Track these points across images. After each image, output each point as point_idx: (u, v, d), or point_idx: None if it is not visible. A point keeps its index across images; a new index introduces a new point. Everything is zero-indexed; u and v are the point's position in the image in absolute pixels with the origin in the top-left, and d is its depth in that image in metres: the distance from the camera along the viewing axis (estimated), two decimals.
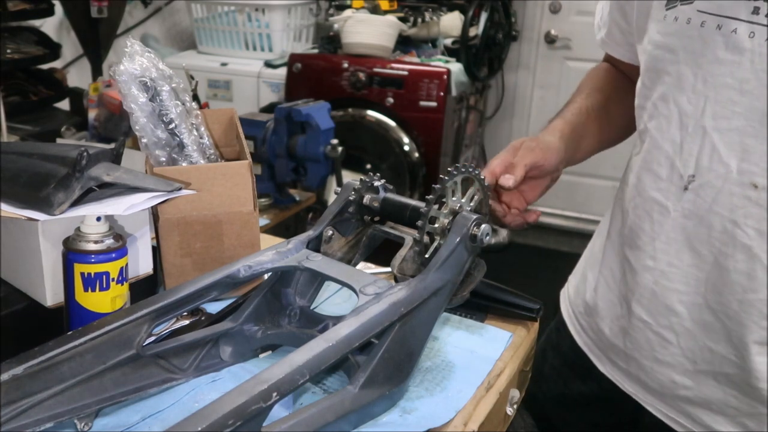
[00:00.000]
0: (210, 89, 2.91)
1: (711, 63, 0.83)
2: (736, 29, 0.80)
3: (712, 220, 0.84)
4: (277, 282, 0.79)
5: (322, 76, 2.78)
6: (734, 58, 0.81)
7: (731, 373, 0.88)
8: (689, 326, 0.89)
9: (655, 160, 0.90)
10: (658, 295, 0.91)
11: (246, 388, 0.57)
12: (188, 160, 0.94)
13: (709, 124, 0.83)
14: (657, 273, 0.91)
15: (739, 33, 0.80)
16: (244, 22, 2.93)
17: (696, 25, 0.84)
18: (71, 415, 0.64)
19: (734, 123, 0.81)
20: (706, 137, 0.83)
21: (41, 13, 2.10)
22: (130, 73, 0.91)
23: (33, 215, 0.75)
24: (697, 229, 0.86)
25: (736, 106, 0.81)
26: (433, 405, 0.72)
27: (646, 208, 0.91)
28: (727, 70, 0.81)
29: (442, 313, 0.77)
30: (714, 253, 0.85)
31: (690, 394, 0.92)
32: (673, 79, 0.87)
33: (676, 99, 0.87)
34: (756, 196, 0.80)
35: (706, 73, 0.83)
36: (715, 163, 0.83)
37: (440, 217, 0.78)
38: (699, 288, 0.87)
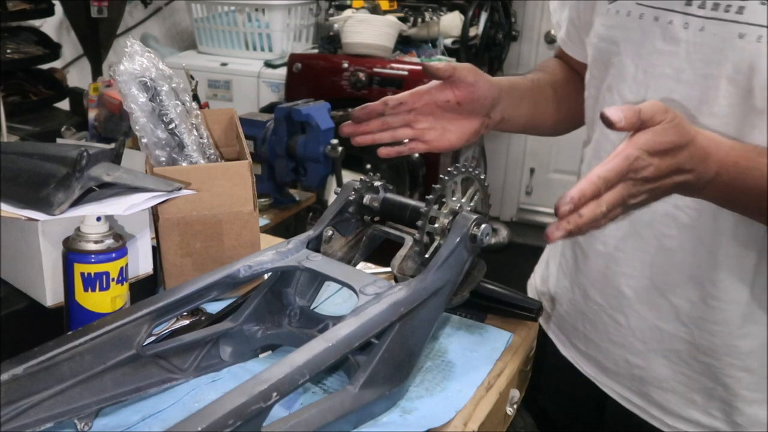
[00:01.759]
0: (210, 89, 2.91)
1: (650, 54, 0.86)
2: (672, 21, 0.83)
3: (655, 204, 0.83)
4: (277, 282, 0.79)
5: (322, 76, 2.78)
6: (671, 49, 0.84)
7: (680, 350, 0.91)
8: (638, 308, 0.92)
9: (603, 149, 0.92)
10: (608, 279, 0.94)
11: (246, 388, 0.57)
12: (188, 160, 0.94)
13: None
14: (607, 257, 0.94)
15: (674, 24, 0.83)
16: (244, 22, 2.93)
17: (635, 18, 0.87)
18: (71, 415, 0.64)
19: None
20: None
21: (41, 13, 2.10)
22: (130, 73, 0.91)
23: (33, 215, 0.75)
24: (640, 215, 0.86)
25: (674, 95, 0.84)
26: (433, 405, 0.72)
27: None
28: (665, 60, 0.84)
29: (442, 313, 0.77)
30: (657, 236, 0.88)
31: (643, 374, 0.95)
32: (617, 70, 0.90)
33: (619, 89, 0.90)
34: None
35: (646, 64, 0.87)
36: None
37: (440, 217, 0.78)
38: (645, 270, 0.90)
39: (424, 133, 0.95)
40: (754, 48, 0.77)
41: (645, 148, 0.67)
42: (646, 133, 0.67)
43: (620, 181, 0.66)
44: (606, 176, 0.65)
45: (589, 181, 0.65)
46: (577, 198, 0.64)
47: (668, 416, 0.94)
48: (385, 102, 0.92)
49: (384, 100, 0.92)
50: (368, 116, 0.93)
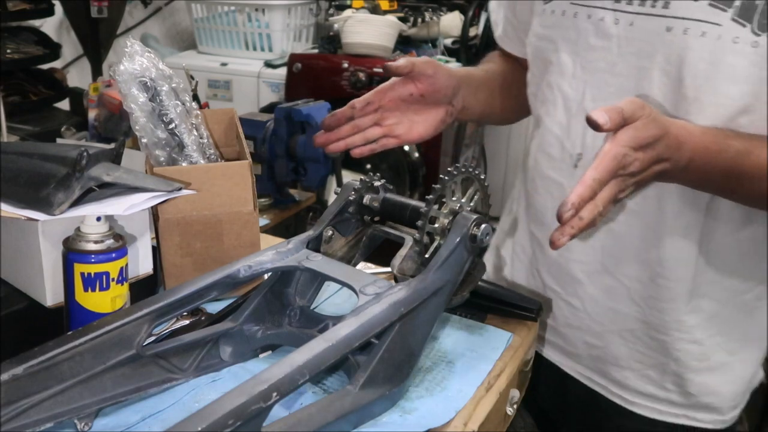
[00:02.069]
0: (210, 89, 2.91)
1: (586, 50, 0.91)
2: (603, 17, 0.89)
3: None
4: (277, 282, 0.79)
5: (322, 76, 2.78)
6: (604, 44, 0.88)
7: (635, 329, 0.96)
8: (592, 292, 0.98)
9: (547, 142, 0.98)
10: (563, 267, 0.99)
11: (246, 388, 0.57)
12: (188, 160, 0.94)
13: (589, 106, 0.90)
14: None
15: (606, 21, 0.88)
16: (244, 22, 2.93)
17: (570, 16, 0.92)
18: (71, 415, 0.64)
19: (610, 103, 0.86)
20: None
21: (41, 13, 2.10)
22: (130, 73, 0.91)
23: (33, 215, 0.75)
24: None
25: (610, 88, 0.89)
26: (433, 405, 0.72)
27: (546, 187, 0.99)
28: (600, 56, 0.89)
29: (442, 313, 0.77)
30: (606, 222, 0.93)
31: (601, 353, 1.00)
32: (556, 67, 0.95)
33: (559, 85, 0.95)
34: None
35: (583, 60, 0.92)
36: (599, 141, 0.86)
37: (440, 217, 0.78)
38: (596, 256, 0.96)
39: (393, 129, 0.98)
40: (682, 40, 0.82)
41: (630, 144, 0.70)
42: (628, 130, 0.71)
43: (612, 179, 0.70)
44: (600, 178, 0.69)
45: (585, 184, 0.68)
46: (578, 202, 0.68)
47: (626, 392, 1.01)
48: (353, 105, 0.95)
49: (351, 104, 0.95)
50: (338, 123, 0.96)
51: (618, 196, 0.72)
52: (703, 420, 1.00)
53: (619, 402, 1.01)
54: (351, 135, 0.96)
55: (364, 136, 0.97)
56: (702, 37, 0.81)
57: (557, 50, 0.94)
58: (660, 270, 0.92)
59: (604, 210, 0.70)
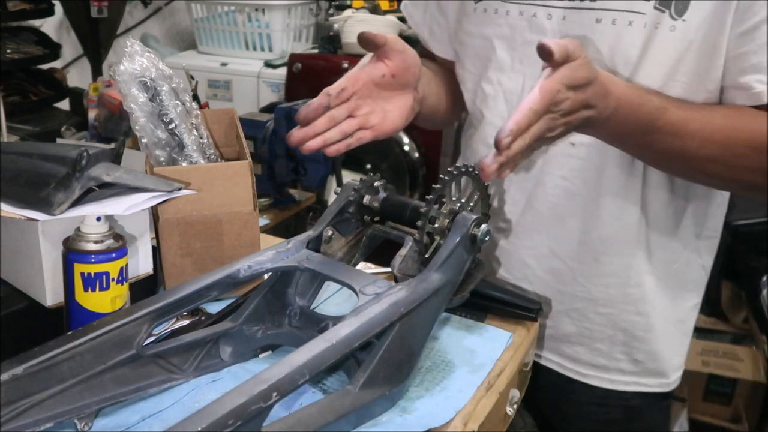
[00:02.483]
0: (210, 89, 2.91)
1: (522, 45, 0.95)
2: (535, 13, 0.93)
3: (545, 179, 0.97)
4: (277, 282, 0.79)
5: (322, 76, 2.76)
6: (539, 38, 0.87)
7: (580, 308, 1.02)
8: (540, 275, 1.02)
9: (489, 134, 1.00)
10: (511, 253, 1.04)
11: (246, 388, 0.57)
12: (188, 160, 0.94)
13: None
14: (508, 233, 1.03)
15: (538, 16, 0.93)
16: (244, 22, 2.93)
17: (503, 14, 0.96)
18: (71, 415, 0.64)
19: None
20: None
21: (41, 13, 2.10)
22: (130, 73, 0.91)
23: (33, 215, 0.75)
24: (535, 190, 0.98)
25: None
26: (433, 405, 0.72)
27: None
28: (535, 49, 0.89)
29: (442, 313, 0.77)
30: (550, 207, 0.98)
31: (553, 332, 1.06)
32: (495, 64, 0.99)
33: (499, 80, 0.99)
34: (576, 152, 0.94)
35: (521, 54, 0.95)
36: None
37: (440, 217, 0.78)
38: (543, 240, 1.00)
39: (367, 120, 0.94)
40: (611, 30, 0.87)
41: (565, 82, 0.71)
42: (566, 68, 0.72)
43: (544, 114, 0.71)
44: (536, 108, 0.70)
45: (523, 113, 0.69)
46: (516, 129, 0.69)
47: (579, 366, 1.06)
48: (327, 93, 0.90)
49: (326, 91, 0.91)
50: (316, 114, 0.90)
51: (546, 135, 0.73)
52: (651, 384, 1.06)
53: (574, 376, 1.07)
54: (327, 129, 0.92)
55: (341, 129, 0.92)
56: (629, 26, 0.87)
57: (494, 47, 0.98)
58: (602, 248, 0.97)
59: (531, 144, 0.71)
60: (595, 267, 0.99)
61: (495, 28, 0.98)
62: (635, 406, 1.07)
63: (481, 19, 0.99)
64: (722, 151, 0.83)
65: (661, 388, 1.07)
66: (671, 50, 0.86)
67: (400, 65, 0.93)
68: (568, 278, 1.01)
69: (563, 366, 1.07)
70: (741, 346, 2.21)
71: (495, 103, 1.00)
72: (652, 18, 0.85)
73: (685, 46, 0.85)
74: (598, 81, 0.75)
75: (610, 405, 1.07)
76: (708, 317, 2.36)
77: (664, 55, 0.86)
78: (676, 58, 0.86)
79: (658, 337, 1.03)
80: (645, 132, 0.82)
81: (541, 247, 1.01)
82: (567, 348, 1.06)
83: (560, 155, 0.95)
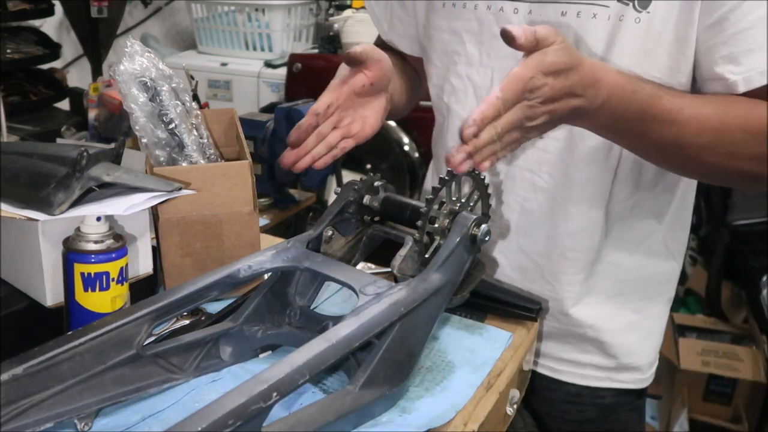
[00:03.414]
0: (210, 89, 2.91)
1: (490, 39, 0.95)
2: (502, 8, 0.94)
3: (514, 172, 0.97)
4: (277, 282, 0.79)
5: (322, 76, 2.74)
6: None
7: (550, 307, 1.01)
8: (509, 273, 1.02)
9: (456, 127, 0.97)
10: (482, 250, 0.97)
11: (246, 388, 0.57)
12: (188, 160, 0.94)
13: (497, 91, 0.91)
14: None
15: (505, 11, 0.94)
16: (244, 22, 2.93)
17: (471, 9, 0.97)
18: (71, 415, 0.64)
19: None
20: None
21: (41, 13, 2.10)
22: (130, 73, 0.91)
23: (33, 215, 0.75)
24: (504, 183, 0.99)
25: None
26: (433, 405, 0.72)
27: None
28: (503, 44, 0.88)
29: (442, 313, 0.77)
30: (519, 201, 0.98)
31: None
32: (463, 58, 0.99)
33: (468, 74, 0.99)
34: (544, 145, 0.94)
35: (489, 48, 0.96)
36: None
37: (440, 217, 0.78)
38: (512, 236, 1.01)
39: (350, 129, 0.98)
40: (576, 23, 0.89)
41: (539, 68, 0.69)
42: (538, 54, 0.70)
43: (517, 102, 0.69)
44: (505, 96, 0.68)
45: (489, 102, 0.67)
46: (480, 119, 0.67)
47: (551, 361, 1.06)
48: (316, 112, 0.94)
49: (313, 111, 0.94)
50: (306, 135, 0.94)
51: (525, 124, 0.71)
52: (625, 380, 1.06)
53: (547, 373, 1.06)
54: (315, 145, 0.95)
55: (327, 143, 0.96)
56: (594, 18, 0.88)
57: (462, 41, 0.99)
58: (570, 243, 0.97)
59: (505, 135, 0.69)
60: (563, 264, 0.99)
61: (463, 23, 0.98)
62: (609, 404, 1.07)
63: (449, 14, 1.00)
64: (717, 138, 0.82)
65: (635, 384, 1.06)
66: (638, 42, 0.86)
67: (378, 73, 0.96)
68: (536, 277, 1.01)
69: (536, 363, 1.06)
70: (741, 346, 2.21)
71: (465, 98, 1.00)
72: (616, 10, 0.86)
73: (652, 38, 0.85)
74: (584, 68, 0.73)
75: (584, 403, 1.07)
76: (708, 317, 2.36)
77: (630, 47, 0.86)
78: (644, 50, 0.86)
79: (627, 329, 1.03)
80: (639, 120, 0.80)
81: (509, 243, 1.01)
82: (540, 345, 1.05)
83: (529, 148, 0.95)
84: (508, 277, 1.02)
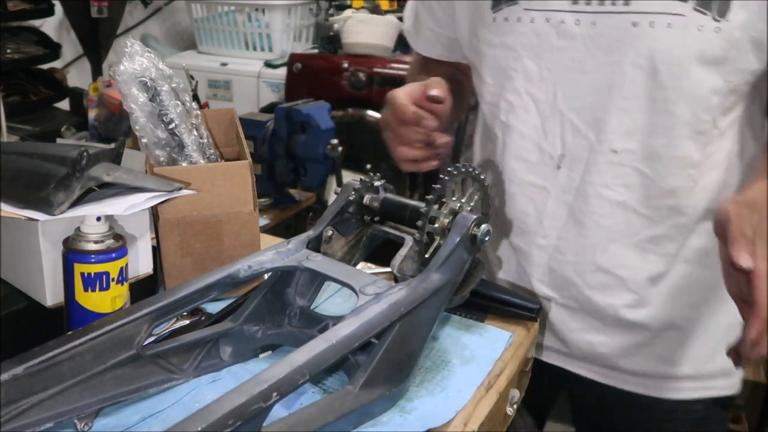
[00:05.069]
0: (210, 89, 2.91)
1: (550, 52, 0.92)
2: (563, 20, 0.90)
3: (587, 189, 0.94)
4: (277, 282, 0.79)
5: (322, 76, 2.77)
6: (568, 44, 0.90)
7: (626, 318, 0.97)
8: (588, 293, 0.98)
9: (522, 147, 0.98)
10: (555, 270, 0.99)
11: (246, 388, 0.57)
12: (188, 160, 0.94)
13: (563, 106, 0.93)
14: (551, 249, 0.98)
15: (566, 23, 0.90)
16: (244, 22, 2.93)
17: (527, 22, 0.93)
18: (71, 415, 0.64)
19: (584, 100, 0.91)
20: (564, 118, 0.93)
21: (41, 13, 2.10)
22: (130, 73, 0.91)
23: (33, 215, 0.75)
24: (576, 201, 0.95)
25: (582, 85, 0.91)
26: (433, 405, 0.72)
27: (526, 194, 0.99)
28: (566, 55, 0.91)
29: (442, 313, 0.77)
30: (594, 218, 0.94)
31: (606, 350, 1.00)
32: (521, 74, 0.95)
33: (528, 90, 0.95)
34: (617, 159, 0.91)
35: (549, 62, 0.93)
36: (578, 139, 0.92)
37: (440, 217, 0.78)
38: (587, 254, 0.96)
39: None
40: (650, 33, 0.86)
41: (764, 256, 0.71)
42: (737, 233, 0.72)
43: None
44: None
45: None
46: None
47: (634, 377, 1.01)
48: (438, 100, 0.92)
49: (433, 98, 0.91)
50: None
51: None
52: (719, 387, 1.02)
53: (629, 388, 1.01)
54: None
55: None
56: (669, 28, 0.85)
57: (519, 57, 0.95)
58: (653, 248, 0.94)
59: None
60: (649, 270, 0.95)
61: (519, 37, 0.94)
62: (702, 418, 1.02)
63: (501, 29, 0.95)
64: None
65: (728, 390, 1.02)
66: (718, 51, 0.84)
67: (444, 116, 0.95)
68: (619, 290, 0.96)
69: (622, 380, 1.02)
70: None
71: (526, 114, 0.96)
72: (693, 20, 0.84)
73: (731, 45, 0.84)
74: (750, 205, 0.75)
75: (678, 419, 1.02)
76: None
77: (711, 56, 0.85)
78: (724, 58, 0.85)
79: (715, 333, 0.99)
80: None
81: (585, 263, 0.96)
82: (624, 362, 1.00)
83: (601, 163, 0.92)
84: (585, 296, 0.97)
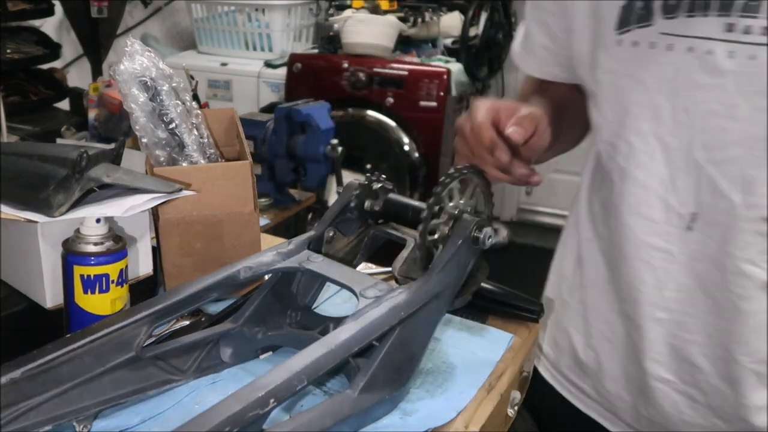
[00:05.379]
0: (210, 89, 2.91)
1: (689, 89, 0.76)
2: (711, 50, 0.74)
3: (724, 261, 0.78)
4: (278, 283, 0.79)
5: (322, 76, 2.78)
6: (716, 82, 0.74)
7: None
8: (716, 383, 0.82)
9: (643, 202, 0.82)
10: (676, 350, 0.84)
11: (243, 394, 0.57)
12: (188, 160, 0.94)
13: (700, 157, 0.77)
14: (672, 324, 0.83)
15: (716, 54, 0.73)
16: (244, 22, 2.93)
17: (662, 49, 0.77)
18: (70, 417, 0.64)
19: (731, 153, 0.75)
20: (701, 172, 0.77)
21: (41, 13, 2.10)
22: (130, 72, 0.90)
23: (32, 217, 0.74)
24: (710, 273, 0.79)
25: (730, 134, 0.74)
26: (434, 406, 0.72)
27: (644, 257, 0.84)
28: (710, 96, 0.75)
29: (443, 316, 0.77)
30: (731, 298, 0.78)
31: None
32: (647, 111, 0.80)
33: (655, 132, 0.79)
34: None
35: (687, 102, 0.76)
36: (718, 199, 0.76)
37: (442, 219, 0.78)
38: (722, 339, 0.80)
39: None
40: None
41: None
42: None
43: None
44: None
45: None
46: None
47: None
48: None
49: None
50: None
51: None
52: None
53: None
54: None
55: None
56: None
57: (646, 90, 0.79)
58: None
59: None
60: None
61: (650, 67, 0.78)
62: None
63: (628, 55, 0.79)
64: None
65: None
66: None
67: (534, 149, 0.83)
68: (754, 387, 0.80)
69: None
70: None
71: (651, 162, 0.80)
72: None
73: None
74: None
75: None
76: None
77: None
78: None
79: None
80: None
81: (716, 348, 0.81)
82: None
83: (747, 232, 0.76)
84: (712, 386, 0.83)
